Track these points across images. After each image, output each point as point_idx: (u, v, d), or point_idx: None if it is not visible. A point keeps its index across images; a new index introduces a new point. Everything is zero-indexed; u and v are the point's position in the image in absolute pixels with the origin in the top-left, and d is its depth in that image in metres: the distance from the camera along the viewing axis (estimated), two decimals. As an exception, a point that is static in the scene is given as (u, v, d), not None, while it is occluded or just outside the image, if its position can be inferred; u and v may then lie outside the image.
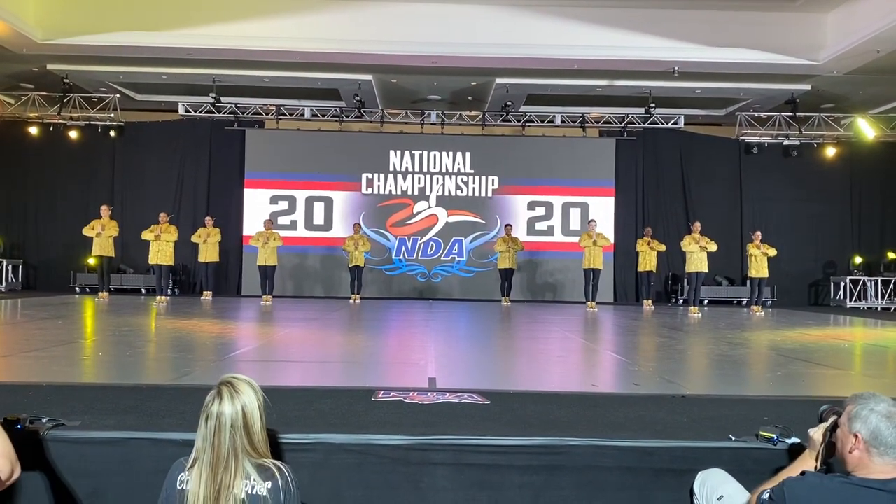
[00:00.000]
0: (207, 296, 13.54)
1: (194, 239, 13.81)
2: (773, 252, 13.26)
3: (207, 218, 14.08)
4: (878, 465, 2.13)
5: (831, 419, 2.39)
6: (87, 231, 12.86)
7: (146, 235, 12.91)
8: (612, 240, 15.71)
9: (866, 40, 11.03)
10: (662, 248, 13.87)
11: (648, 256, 13.79)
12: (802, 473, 2.31)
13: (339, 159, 15.94)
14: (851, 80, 12.98)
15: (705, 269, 12.98)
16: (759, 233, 13.61)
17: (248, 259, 15.12)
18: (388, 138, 16.02)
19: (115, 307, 10.93)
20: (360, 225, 14.71)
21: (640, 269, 14.10)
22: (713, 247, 12.91)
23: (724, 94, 14.58)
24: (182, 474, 2.22)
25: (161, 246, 12.70)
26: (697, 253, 12.86)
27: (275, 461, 2.24)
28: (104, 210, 13.06)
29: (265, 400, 2.27)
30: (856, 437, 2.16)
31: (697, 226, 13.26)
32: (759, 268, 13.27)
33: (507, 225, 14.83)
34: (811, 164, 15.95)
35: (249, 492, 2.13)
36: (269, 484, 2.15)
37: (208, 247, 13.63)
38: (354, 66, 13.02)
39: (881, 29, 10.59)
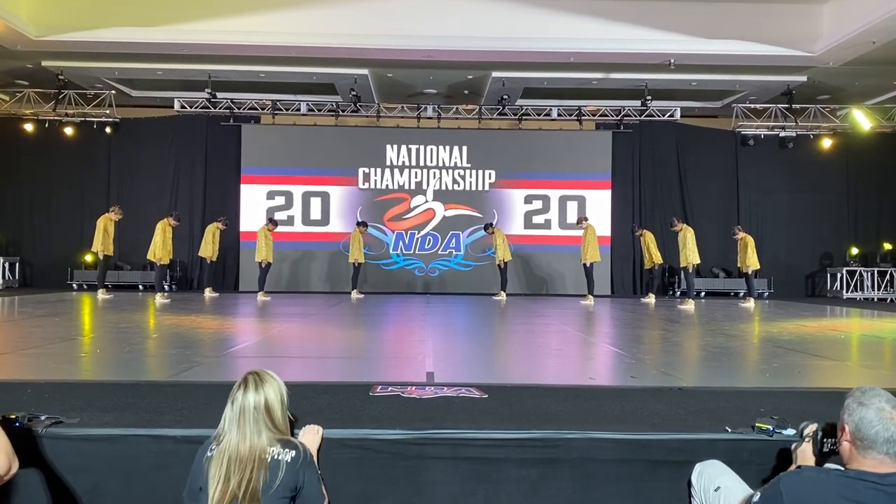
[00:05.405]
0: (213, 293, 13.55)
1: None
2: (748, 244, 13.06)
3: (223, 218, 14.08)
4: (866, 459, 2.11)
5: (808, 430, 2.43)
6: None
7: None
8: (608, 232, 15.83)
9: (862, 31, 11.03)
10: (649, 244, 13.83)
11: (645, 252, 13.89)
12: (799, 467, 2.32)
13: (335, 154, 15.93)
14: (847, 72, 12.98)
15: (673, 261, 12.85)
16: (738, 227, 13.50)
17: (246, 255, 15.13)
18: (385, 132, 16.01)
19: (114, 304, 10.93)
20: (364, 223, 14.65)
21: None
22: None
23: (721, 86, 14.58)
24: (212, 445, 2.46)
25: (168, 243, 12.58)
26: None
27: (295, 440, 2.54)
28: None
29: (287, 394, 2.57)
30: (843, 429, 2.17)
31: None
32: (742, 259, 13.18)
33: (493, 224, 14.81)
34: (807, 156, 15.97)
35: (275, 457, 2.39)
36: (292, 453, 2.42)
37: (214, 244, 13.68)
38: (350, 61, 12.99)
39: (877, 19, 10.59)
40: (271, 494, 2.35)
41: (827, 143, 15.87)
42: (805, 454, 2.44)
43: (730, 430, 2.97)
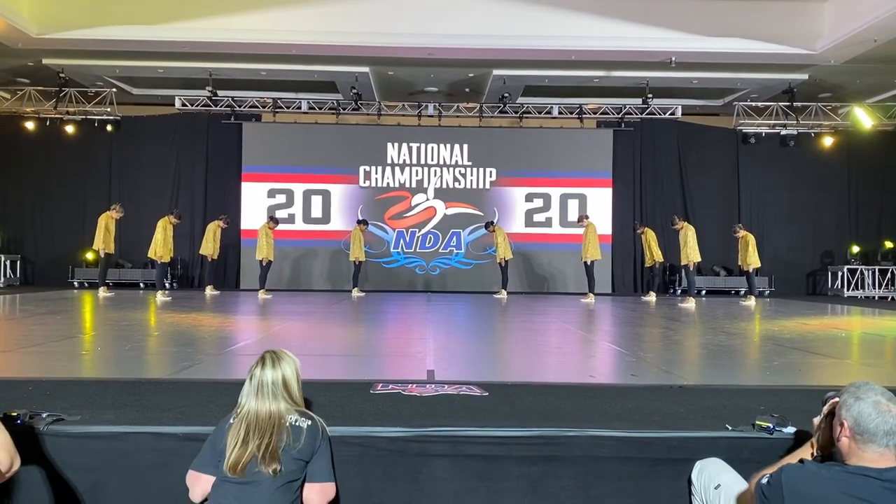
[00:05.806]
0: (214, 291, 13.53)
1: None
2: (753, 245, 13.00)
3: (224, 216, 14.09)
4: (866, 453, 2.12)
5: (828, 405, 2.40)
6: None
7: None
8: (609, 230, 15.84)
9: (863, 29, 11.01)
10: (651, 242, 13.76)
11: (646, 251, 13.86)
12: (801, 461, 2.32)
13: (336, 152, 15.92)
14: (849, 70, 12.96)
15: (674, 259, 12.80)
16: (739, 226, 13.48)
17: (247, 253, 15.13)
18: (386, 131, 16.00)
19: (116, 302, 10.94)
20: (365, 221, 14.67)
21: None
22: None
23: (722, 84, 14.56)
24: (231, 415, 2.57)
25: (169, 241, 12.54)
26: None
27: (311, 413, 2.66)
28: None
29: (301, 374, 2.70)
30: (842, 424, 2.17)
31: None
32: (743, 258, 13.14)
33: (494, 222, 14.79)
34: (808, 154, 15.96)
35: (293, 423, 2.53)
36: (309, 422, 2.56)
37: (216, 242, 13.68)
38: (351, 59, 12.98)
39: (878, 18, 10.57)
40: (291, 455, 2.48)
41: (828, 141, 15.86)
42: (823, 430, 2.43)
43: (730, 427, 2.97)
